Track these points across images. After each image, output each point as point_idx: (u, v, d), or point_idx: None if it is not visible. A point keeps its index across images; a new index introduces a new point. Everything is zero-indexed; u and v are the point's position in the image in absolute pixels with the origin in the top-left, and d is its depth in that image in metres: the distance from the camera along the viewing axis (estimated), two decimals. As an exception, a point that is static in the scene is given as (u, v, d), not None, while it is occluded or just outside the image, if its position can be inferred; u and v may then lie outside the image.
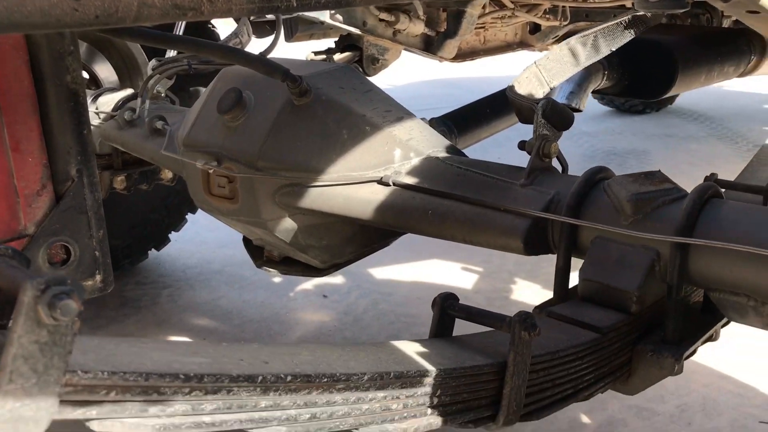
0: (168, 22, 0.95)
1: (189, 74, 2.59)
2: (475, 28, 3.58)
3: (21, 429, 0.62)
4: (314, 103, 1.85)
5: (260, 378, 0.80)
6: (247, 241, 2.27)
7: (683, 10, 1.82)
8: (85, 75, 2.98)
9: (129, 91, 2.73)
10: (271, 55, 2.70)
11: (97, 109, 2.72)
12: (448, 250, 3.68)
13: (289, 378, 0.82)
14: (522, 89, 1.90)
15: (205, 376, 0.76)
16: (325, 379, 0.85)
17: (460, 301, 1.34)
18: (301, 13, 3.13)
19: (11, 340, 0.62)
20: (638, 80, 2.56)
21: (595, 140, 6.17)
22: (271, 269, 2.22)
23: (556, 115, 1.69)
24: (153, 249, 3.55)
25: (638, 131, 6.41)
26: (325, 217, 1.92)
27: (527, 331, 1.10)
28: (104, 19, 0.79)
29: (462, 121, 2.68)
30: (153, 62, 2.65)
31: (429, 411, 1.01)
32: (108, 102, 2.71)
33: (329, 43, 3.75)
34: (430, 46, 3.51)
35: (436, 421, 1.02)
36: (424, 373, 0.99)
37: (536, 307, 1.53)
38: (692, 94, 6.94)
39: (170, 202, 3.43)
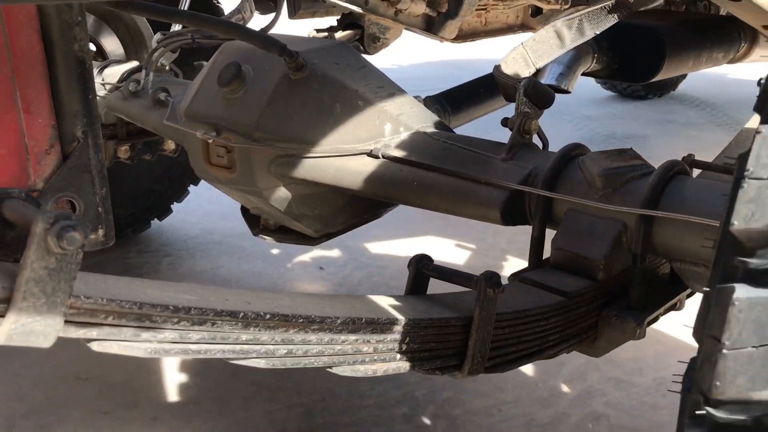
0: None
1: (192, 48, 2.68)
2: (477, 10, 3.64)
3: (32, 341, 0.73)
4: (310, 78, 1.93)
5: (241, 314, 0.90)
6: (245, 210, 2.37)
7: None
8: (92, 47, 3.06)
9: (134, 64, 2.82)
10: (272, 32, 2.79)
11: (103, 80, 2.81)
12: (442, 227, 3.78)
13: (268, 316, 0.92)
14: (508, 69, 1.98)
15: (192, 308, 0.86)
16: (301, 320, 0.96)
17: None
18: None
19: (25, 266, 0.72)
20: (627, 64, 2.64)
21: (595, 124, 6.24)
22: (267, 237, 2.32)
23: (537, 94, 1.77)
24: (156, 219, 3.65)
25: (639, 116, 6.47)
26: (318, 187, 2.01)
27: (492, 289, 1.20)
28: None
29: (456, 100, 2.77)
30: (158, 36, 2.74)
31: (398, 356, 1.11)
32: (114, 74, 2.80)
33: (332, 21, 3.82)
34: (431, 26, 3.58)
35: (404, 365, 1.12)
36: (394, 322, 1.09)
37: (512, 274, 1.63)
38: (695, 81, 6.99)
39: (173, 174, 3.53)
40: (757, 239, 0.66)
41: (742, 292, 0.65)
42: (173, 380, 2.55)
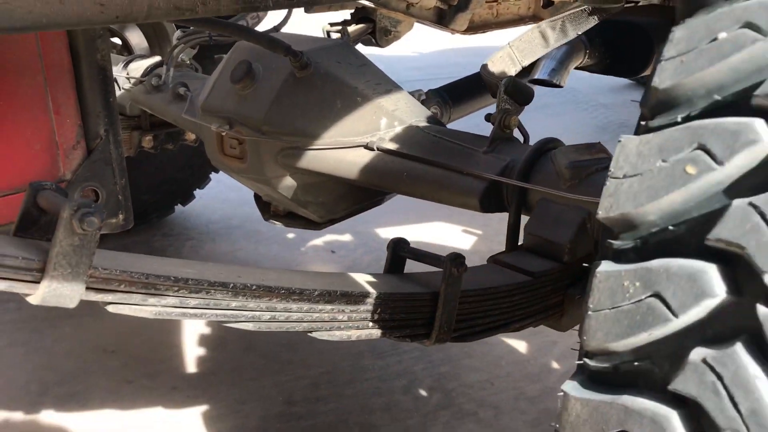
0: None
1: (210, 45, 2.87)
2: (489, 2, 3.78)
3: (61, 302, 0.93)
4: (313, 76, 2.10)
5: (231, 285, 1.09)
6: (257, 197, 2.56)
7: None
8: (119, 42, 3.26)
9: (157, 59, 3.01)
10: (287, 28, 2.97)
11: (128, 74, 3.01)
12: (449, 213, 3.94)
13: (254, 287, 1.11)
14: (495, 68, 2.14)
15: (190, 279, 1.05)
16: (283, 291, 1.14)
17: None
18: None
19: (55, 243, 0.92)
20: (618, 59, 2.78)
21: (609, 112, 6.34)
22: (276, 222, 2.52)
23: (517, 92, 1.93)
24: (179, 204, 3.86)
25: (653, 105, 6.54)
26: (320, 177, 2.19)
27: (456, 268, 1.38)
28: (123, 18, 1.07)
29: (457, 94, 2.93)
30: (178, 33, 2.93)
31: (370, 324, 1.30)
32: (138, 68, 3.00)
33: (346, 14, 3.98)
34: (442, 19, 3.71)
35: (376, 332, 1.30)
36: (366, 295, 1.28)
37: (489, 257, 1.80)
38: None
39: (195, 162, 3.73)
40: (615, 226, 0.83)
41: (603, 267, 0.82)
42: (192, 354, 2.76)
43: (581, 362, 0.84)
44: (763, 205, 0.68)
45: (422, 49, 8.46)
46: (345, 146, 2.12)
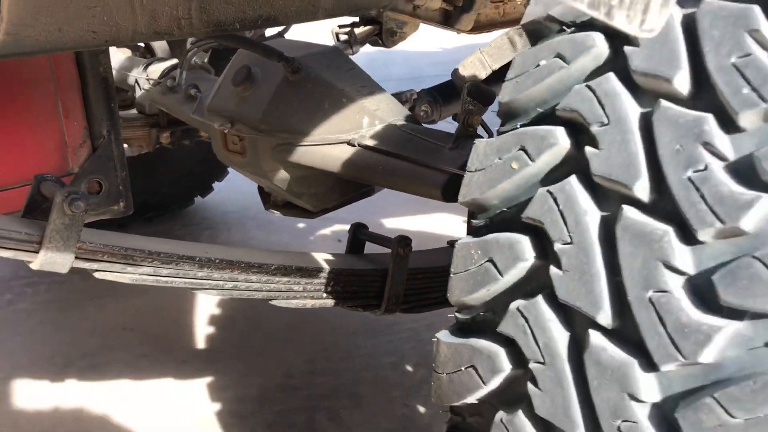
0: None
1: (221, 49, 3.12)
2: (494, 1, 3.97)
3: (55, 268, 1.19)
4: (305, 79, 2.34)
5: (198, 258, 1.34)
6: (260, 188, 2.82)
7: None
8: (142, 44, 3.53)
9: (174, 61, 3.27)
10: (297, 31, 3.20)
11: (147, 75, 3.29)
12: (453, 204, 4.16)
13: (217, 260, 1.35)
14: (466, 72, 2.36)
15: (162, 253, 1.30)
16: (243, 264, 1.39)
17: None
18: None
19: (50, 222, 1.18)
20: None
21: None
22: (275, 211, 2.77)
23: (479, 94, 2.14)
24: (199, 196, 4.13)
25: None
26: (310, 170, 2.43)
27: (402, 248, 1.61)
28: (111, 41, 1.32)
29: (446, 93, 3.14)
30: (192, 38, 3.20)
31: (324, 295, 1.53)
32: (156, 70, 3.26)
33: (354, 17, 4.20)
34: (447, 19, 3.92)
35: (329, 302, 1.54)
36: (321, 269, 1.51)
37: (448, 241, 2.03)
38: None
39: (213, 157, 3.96)
40: (471, 209, 1.05)
41: (462, 240, 1.04)
42: (201, 332, 3.03)
43: (452, 315, 1.07)
44: (556, 191, 0.90)
45: (446, 45, 8.62)
46: (331, 143, 2.35)
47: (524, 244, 0.94)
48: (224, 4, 1.39)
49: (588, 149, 0.88)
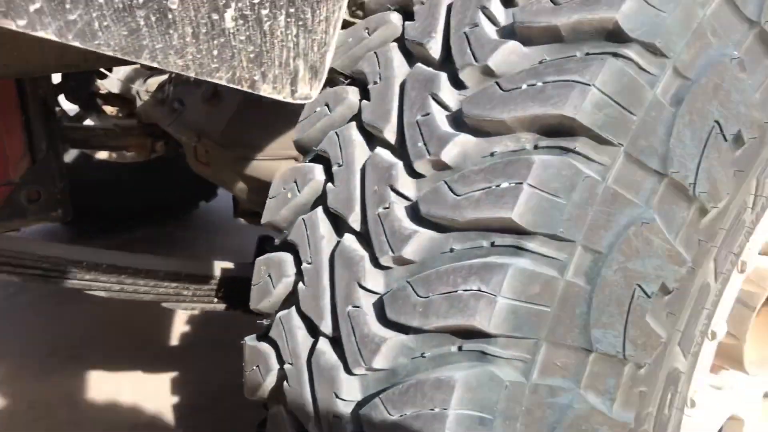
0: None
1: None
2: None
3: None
4: (261, 99, 2.54)
5: (84, 262, 1.53)
6: (233, 198, 3.02)
7: None
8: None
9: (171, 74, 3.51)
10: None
11: (146, 88, 3.53)
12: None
13: (104, 265, 1.55)
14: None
15: (51, 257, 1.50)
16: (131, 270, 1.58)
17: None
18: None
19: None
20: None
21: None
22: (243, 219, 2.97)
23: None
24: (203, 201, 4.37)
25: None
26: (264, 183, 2.62)
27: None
28: (23, 74, 1.54)
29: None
30: (183, 56, 3.42)
31: (215, 300, 1.71)
32: (155, 82, 3.51)
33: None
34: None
35: (220, 306, 1.71)
36: (211, 276, 1.69)
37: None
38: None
39: (217, 165, 4.21)
40: (270, 229, 1.22)
41: (259, 258, 1.21)
42: (178, 330, 3.25)
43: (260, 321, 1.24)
44: (307, 219, 1.06)
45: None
46: (280, 158, 2.54)
47: (288, 262, 1.10)
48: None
49: (329, 185, 1.03)
